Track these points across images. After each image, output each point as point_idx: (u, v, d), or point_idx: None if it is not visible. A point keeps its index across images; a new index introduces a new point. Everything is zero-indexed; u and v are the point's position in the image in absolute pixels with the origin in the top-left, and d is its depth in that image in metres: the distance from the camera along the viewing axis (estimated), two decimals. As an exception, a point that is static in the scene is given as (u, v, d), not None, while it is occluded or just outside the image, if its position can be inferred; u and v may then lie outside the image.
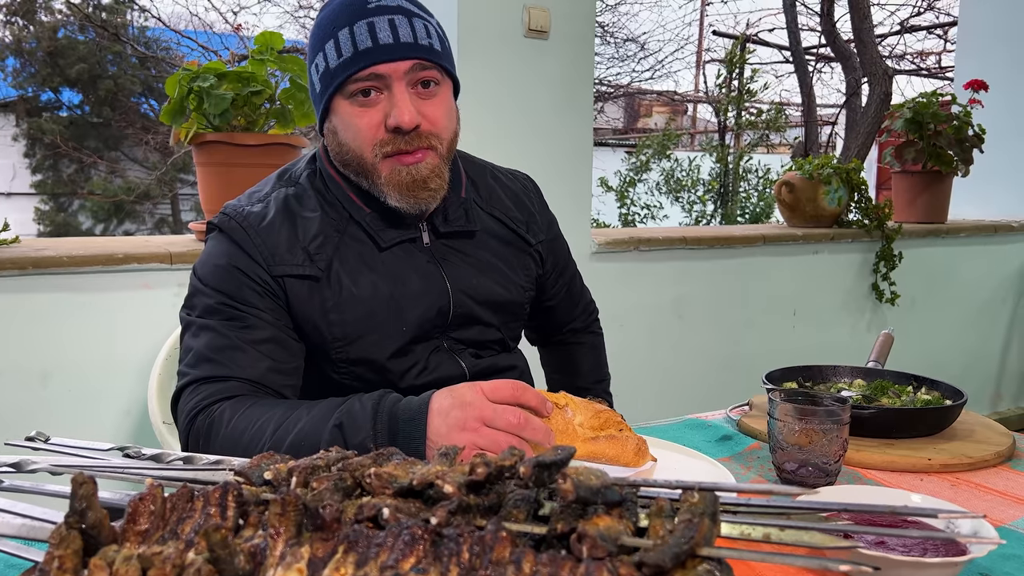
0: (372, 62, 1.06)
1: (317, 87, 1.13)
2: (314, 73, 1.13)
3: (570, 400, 0.99)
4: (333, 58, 1.08)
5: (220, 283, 1.11)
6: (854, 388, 1.37)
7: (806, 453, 1.02)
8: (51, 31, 9.52)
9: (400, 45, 1.07)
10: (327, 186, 1.19)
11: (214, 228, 1.17)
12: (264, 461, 0.65)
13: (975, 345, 3.83)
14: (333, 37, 1.08)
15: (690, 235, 2.90)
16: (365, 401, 0.97)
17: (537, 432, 0.92)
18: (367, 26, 1.07)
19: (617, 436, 0.99)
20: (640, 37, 11.25)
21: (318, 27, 1.12)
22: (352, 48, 1.07)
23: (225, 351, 1.08)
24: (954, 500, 1.01)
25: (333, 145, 1.14)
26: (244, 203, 1.18)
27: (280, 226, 1.14)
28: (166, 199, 10.21)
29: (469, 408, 0.91)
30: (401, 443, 0.93)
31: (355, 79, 1.07)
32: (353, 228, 1.17)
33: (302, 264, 1.12)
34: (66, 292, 1.84)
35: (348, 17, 1.08)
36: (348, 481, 0.58)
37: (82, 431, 1.89)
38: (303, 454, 0.95)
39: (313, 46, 1.12)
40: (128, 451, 0.82)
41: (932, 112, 3.42)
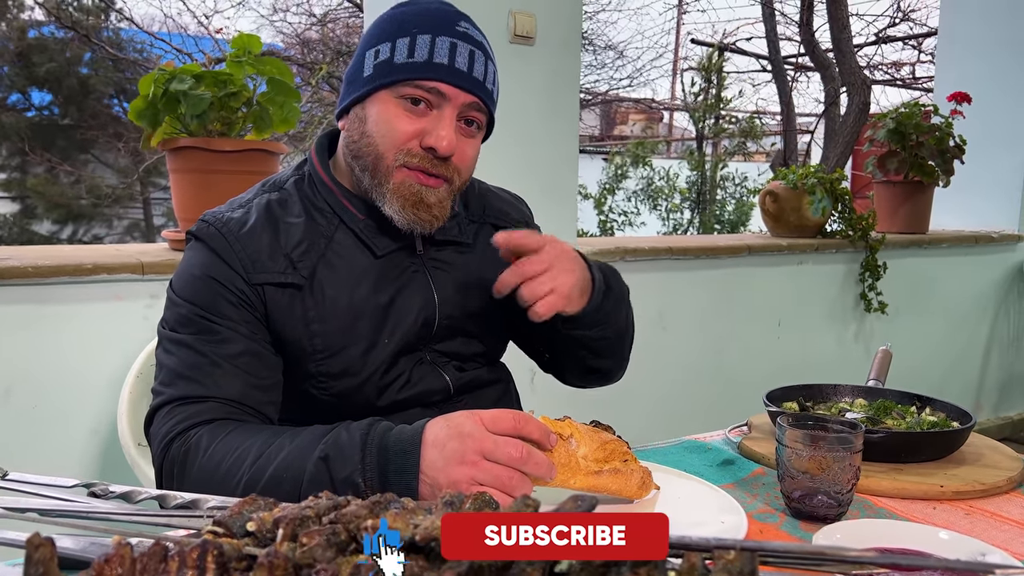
0: (441, 79, 1.05)
1: (366, 71, 1.09)
2: (369, 57, 1.09)
3: (575, 429, 0.93)
4: (402, 54, 1.06)
5: (194, 295, 1.06)
6: (856, 408, 1.33)
7: (817, 481, 0.97)
8: (20, 31, 9.32)
9: (471, 78, 1.07)
10: (316, 191, 1.15)
11: (192, 237, 1.12)
12: (246, 508, 0.58)
13: (955, 355, 3.83)
14: (410, 36, 1.06)
15: (675, 245, 2.87)
16: (353, 431, 0.90)
17: (540, 467, 0.86)
18: (449, 44, 1.06)
19: (621, 469, 0.93)
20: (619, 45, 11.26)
21: (393, 20, 1.10)
22: (427, 56, 1.05)
23: (201, 368, 1.02)
24: (971, 531, 0.96)
25: (355, 131, 1.11)
26: (224, 210, 1.13)
27: (261, 232, 1.09)
28: (137, 203, 10.02)
29: (468, 440, 0.84)
30: (392, 477, 0.86)
31: (416, 84, 1.06)
32: (342, 235, 1.13)
33: (284, 271, 1.08)
34: (30, 304, 1.76)
35: (434, 27, 1.07)
36: (342, 535, 0.52)
37: (46, 451, 1.80)
38: (284, 488, 0.89)
39: (380, 34, 1.09)
40: (95, 489, 0.75)
41: (915, 123, 3.42)
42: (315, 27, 10.03)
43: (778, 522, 0.98)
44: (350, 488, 0.88)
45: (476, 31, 1.11)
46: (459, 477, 0.83)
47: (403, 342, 1.13)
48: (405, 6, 1.12)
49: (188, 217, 2.05)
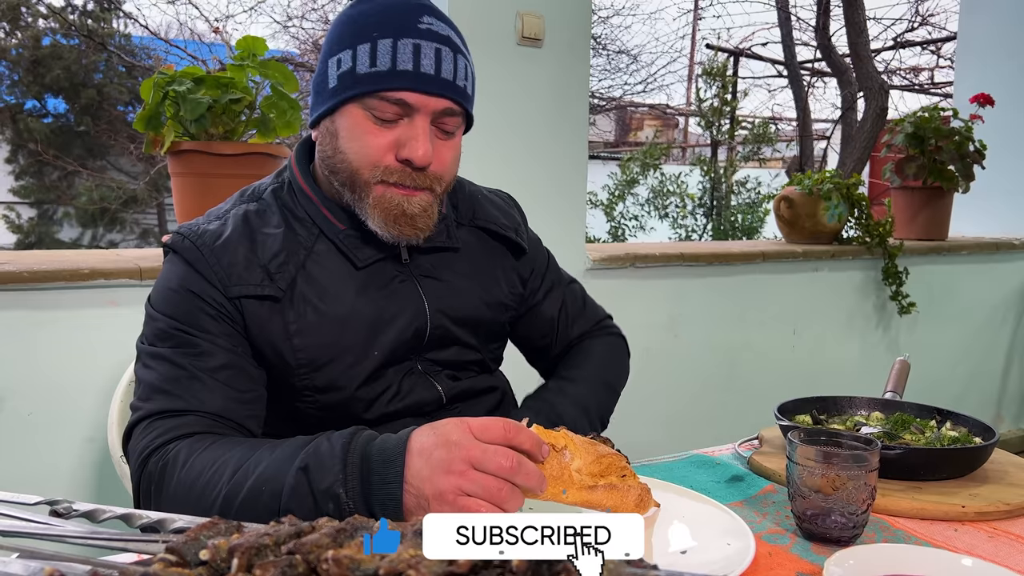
0: (407, 87, 1.00)
1: (331, 83, 1.04)
2: (332, 67, 1.04)
3: (570, 441, 0.88)
4: (364, 64, 1.01)
5: (173, 308, 1.03)
6: (872, 422, 1.27)
7: (830, 501, 0.91)
8: (35, 39, 9.39)
9: (439, 80, 1.02)
10: (296, 200, 1.12)
11: (168, 250, 1.09)
12: (204, 533, 0.54)
13: (975, 365, 3.75)
14: (370, 41, 1.01)
15: (687, 251, 2.81)
16: (335, 440, 0.86)
17: (531, 478, 0.81)
18: (412, 47, 1.00)
19: (618, 485, 0.88)
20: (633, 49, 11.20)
21: (352, 23, 1.04)
22: (390, 63, 1.00)
23: (180, 382, 0.98)
24: (994, 555, 0.90)
25: (327, 147, 1.07)
26: (201, 222, 1.10)
27: (237, 244, 1.06)
28: (152, 208, 10.06)
29: (455, 448, 0.79)
30: (375, 487, 0.82)
31: (382, 96, 1.01)
32: (323, 245, 1.09)
33: (260, 284, 1.04)
34: (25, 309, 1.73)
35: (394, 29, 1.01)
36: (300, 567, 0.47)
37: (41, 458, 1.77)
38: (264, 501, 0.85)
39: (340, 39, 1.04)
40: (58, 507, 0.70)
41: (934, 127, 3.35)
42: (330, 34, 10.04)
43: (788, 544, 0.92)
44: (331, 500, 0.83)
45: (441, 23, 1.05)
46: (445, 487, 0.78)
47: (392, 354, 1.10)
48: (362, 3, 1.06)
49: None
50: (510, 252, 1.27)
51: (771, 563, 0.87)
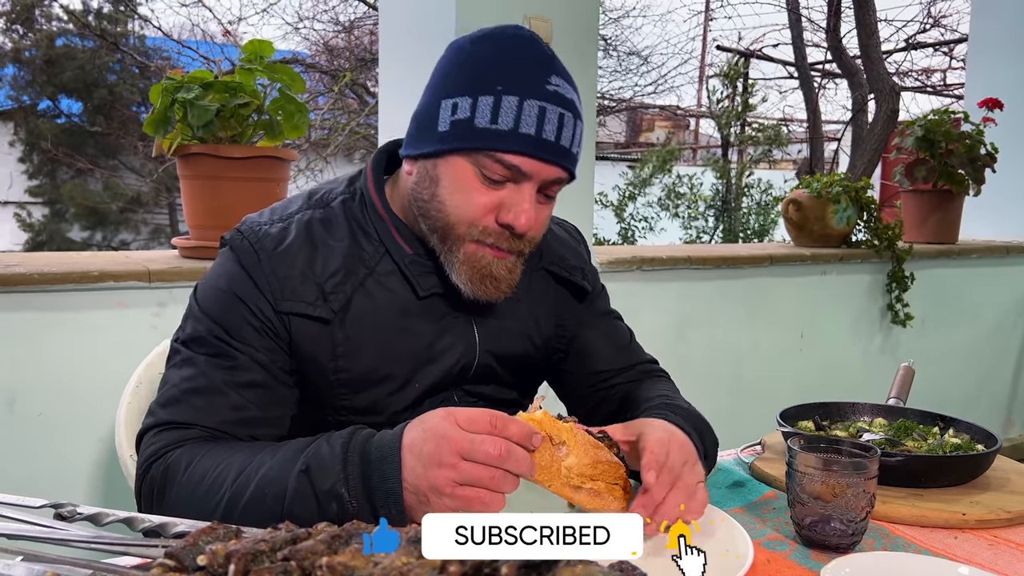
0: (526, 153, 0.95)
1: (442, 126, 0.98)
2: (446, 109, 0.97)
3: (572, 437, 0.88)
4: (484, 118, 0.95)
5: (217, 312, 1.01)
6: (875, 428, 1.27)
7: (829, 508, 0.92)
8: (49, 39, 9.47)
9: (559, 149, 0.97)
10: (366, 215, 1.07)
11: (225, 244, 1.06)
12: (203, 538, 0.55)
13: (986, 368, 3.73)
14: (494, 95, 0.95)
15: (695, 254, 2.81)
16: (334, 441, 0.87)
17: (521, 464, 0.82)
18: (538, 111, 0.95)
19: (602, 493, 0.89)
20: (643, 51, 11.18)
21: (475, 66, 0.98)
22: (513, 125, 0.95)
23: (204, 394, 0.97)
24: (994, 563, 0.90)
25: (424, 190, 1.01)
26: (264, 221, 1.06)
27: (297, 253, 1.02)
28: (163, 208, 10.13)
29: (443, 441, 0.81)
30: (375, 485, 0.83)
31: (497, 158, 0.96)
32: (386, 266, 1.06)
33: (313, 303, 1.01)
34: (35, 311, 1.74)
35: (522, 86, 0.95)
36: (295, 573, 0.48)
37: (51, 458, 1.78)
38: (267, 504, 0.86)
39: (459, 81, 0.98)
40: (62, 510, 0.72)
41: (944, 130, 3.33)
42: (341, 35, 10.09)
43: (787, 551, 0.93)
44: (334, 500, 0.84)
45: (567, 85, 1.00)
46: (439, 481, 0.80)
47: (433, 386, 1.08)
48: (486, 44, 1.00)
49: (198, 224, 2.03)
50: (573, 295, 1.22)
51: (769, 570, 0.87)
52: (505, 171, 0.97)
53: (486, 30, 1.02)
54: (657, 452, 0.90)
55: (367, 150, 9.16)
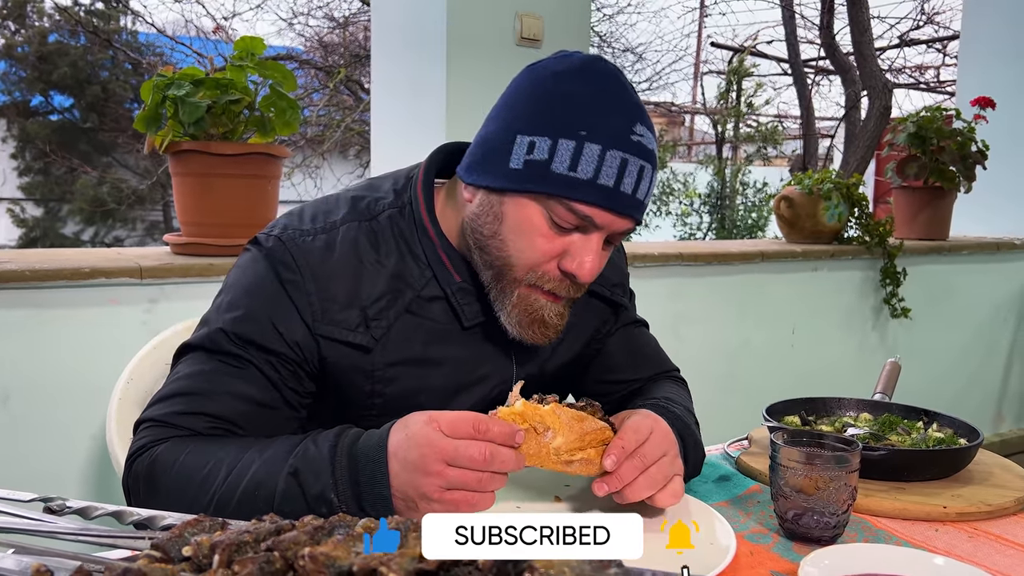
0: (602, 205, 0.92)
1: (514, 162, 0.93)
2: (520, 145, 0.92)
3: (556, 419, 0.89)
4: (562, 163, 0.90)
5: (240, 322, 0.97)
6: (860, 423, 1.28)
7: (811, 502, 0.93)
8: (41, 36, 9.44)
9: (634, 202, 0.94)
10: (414, 234, 1.02)
11: (260, 250, 1.00)
12: (189, 530, 0.56)
13: (976, 365, 3.75)
14: (576, 140, 0.90)
15: (686, 251, 2.82)
16: (321, 443, 0.88)
17: (507, 463, 0.83)
18: (620, 162, 0.91)
19: (593, 459, 0.91)
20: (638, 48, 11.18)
21: (557, 104, 0.93)
22: (592, 175, 0.90)
23: (203, 397, 0.95)
24: (973, 555, 0.92)
25: (486, 225, 0.97)
26: (306, 229, 1.00)
27: (342, 274, 0.98)
28: (157, 205, 10.11)
29: (428, 449, 0.81)
30: (364, 489, 0.84)
31: (571, 207, 0.92)
32: (431, 291, 1.02)
33: (355, 329, 0.97)
34: (27, 308, 1.75)
35: (607, 134, 0.91)
36: (277, 563, 0.49)
37: (44, 455, 1.79)
38: (259, 505, 0.86)
39: (539, 118, 0.93)
40: (51, 504, 0.72)
41: (936, 127, 3.35)
42: (336, 31, 10.07)
43: (770, 543, 0.94)
44: (323, 504, 0.85)
45: (650, 134, 0.95)
46: (426, 488, 0.81)
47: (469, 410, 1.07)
48: (574, 81, 0.94)
49: (190, 221, 2.04)
50: (611, 310, 1.21)
51: (752, 562, 0.89)
52: (577, 220, 0.93)
53: (571, 61, 0.96)
54: (625, 439, 0.91)
55: (362, 146, 9.17)
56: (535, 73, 0.98)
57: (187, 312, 1.63)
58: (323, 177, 8.95)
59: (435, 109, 2.42)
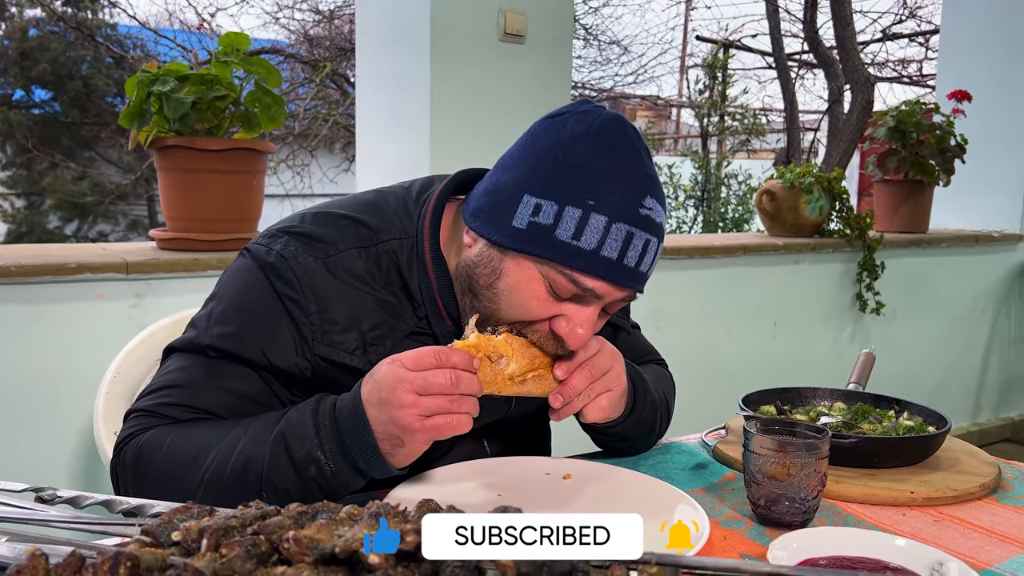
0: (603, 277, 0.91)
1: (518, 221, 0.91)
2: (526, 205, 0.91)
3: (508, 348, 0.94)
4: (566, 231, 0.89)
5: (231, 336, 0.97)
6: (834, 412, 1.31)
7: (783, 487, 0.96)
8: (22, 31, 9.35)
9: (636, 274, 0.93)
10: (413, 271, 1.02)
11: (257, 259, 0.99)
12: (178, 516, 0.58)
13: (955, 356, 3.81)
14: (583, 209, 0.89)
15: (669, 244, 2.85)
16: (302, 408, 0.92)
17: (472, 385, 0.88)
18: (625, 235, 0.90)
19: (545, 376, 0.97)
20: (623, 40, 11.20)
21: (568, 167, 0.91)
22: (596, 246, 0.89)
23: (193, 390, 0.97)
24: (937, 538, 0.95)
25: (482, 276, 0.96)
26: (309, 248, 0.99)
27: (343, 296, 0.98)
28: (141, 200, 10.05)
29: (398, 384, 0.85)
30: (349, 441, 0.88)
31: (571, 278, 0.91)
32: (423, 329, 1.04)
33: (352, 352, 0.98)
34: (13, 303, 1.76)
35: (615, 206, 0.89)
36: (263, 546, 0.51)
37: (29, 448, 1.80)
38: (248, 480, 0.89)
39: (548, 179, 0.91)
40: (43, 494, 0.74)
41: (915, 121, 3.40)
42: (321, 24, 10.03)
43: (743, 528, 0.97)
44: (311, 464, 0.88)
45: (660, 207, 0.94)
46: (406, 420, 0.85)
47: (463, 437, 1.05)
48: (588, 145, 0.92)
49: (175, 216, 2.05)
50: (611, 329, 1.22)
51: (725, 546, 0.92)
52: (576, 289, 0.92)
53: (589, 122, 0.94)
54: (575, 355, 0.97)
55: (347, 140, 9.14)
56: (552, 130, 0.96)
57: (173, 307, 1.64)
58: (309, 172, 8.93)
59: (419, 104, 2.43)
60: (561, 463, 1.12)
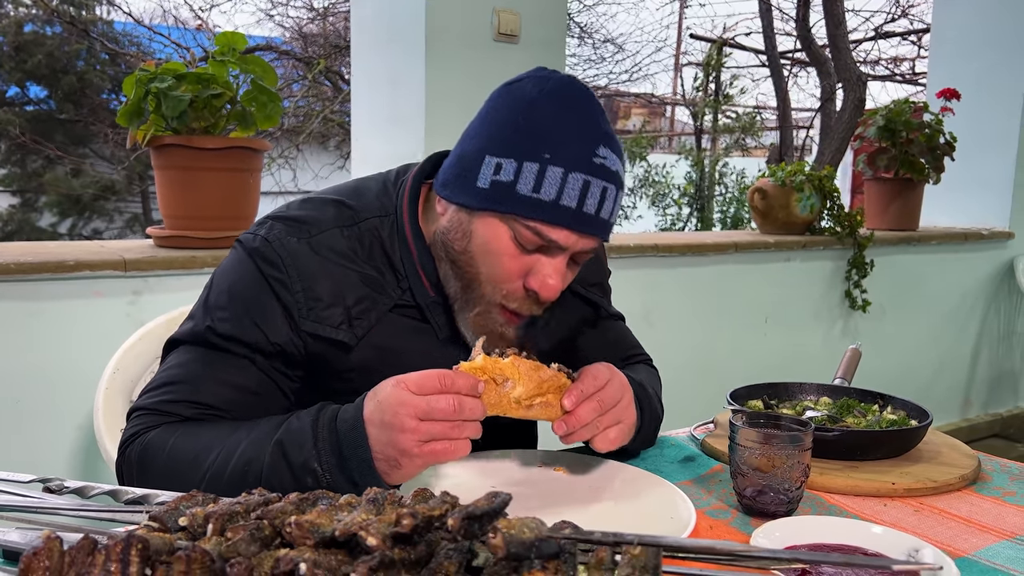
0: (564, 226, 0.96)
1: (481, 182, 0.97)
2: (488, 166, 0.97)
3: (515, 370, 0.95)
4: (526, 185, 0.95)
5: (227, 320, 1.01)
6: (820, 406, 1.35)
7: (767, 479, 0.99)
8: (17, 25, 9.33)
9: (597, 221, 0.97)
10: (395, 246, 1.07)
11: (246, 251, 1.03)
12: (183, 503, 0.61)
13: (945, 352, 3.85)
14: (539, 162, 0.94)
15: (661, 242, 2.88)
16: (303, 418, 0.94)
17: (475, 411, 0.89)
18: (582, 184, 0.95)
19: (552, 403, 0.97)
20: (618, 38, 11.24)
21: (524, 126, 0.96)
22: (554, 196, 0.94)
23: (194, 384, 1.00)
24: (917, 527, 0.98)
25: (457, 240, 1.01)
26: (293, 230, 1.03)
27: (327, 274, 1.02)
28: (136, 197, 10.05)
29: (401, 408, 0.87)
30: (348, 455, 0.90)
31: (536, 229, 0.96)
32: (407, 301, 1.07)
33: (338, 327, 1.02)
34: (13, 300, 1.78)
35: (569, 157, 0.95)
36: (266, 530, 0.54)
37: (29, 443, 1.82)
38: (248, 480, 0.92)
39: (505, 141, 0.97)
40: (50, 484, 0.77)
41: (904, 120, 3.43)
42: (315, 21, 10.03)
43: (729, 518, 1.00)
44: (308, 475, 0.90)
45: (614, 156, 0.99)
46: (405, 444, 0.86)
47: None
48: (543, 104, 0.97)
49: (173, 214, 2.07)
50: (591, 309, 1.25)
51: (710, 535, 0.95)
52: (540, 240, 0.97)
53: (543, 85, 0.99)
54: (585, 383, 0.98)
55: (342, 137, 9.15)
56: (511, 95, 1.01)
57: (171, 304, 1.67)
58: (302, 168, 8.94)
59: (414, 102, 2.46)
60: (553, 455, 1.15)
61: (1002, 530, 0.98)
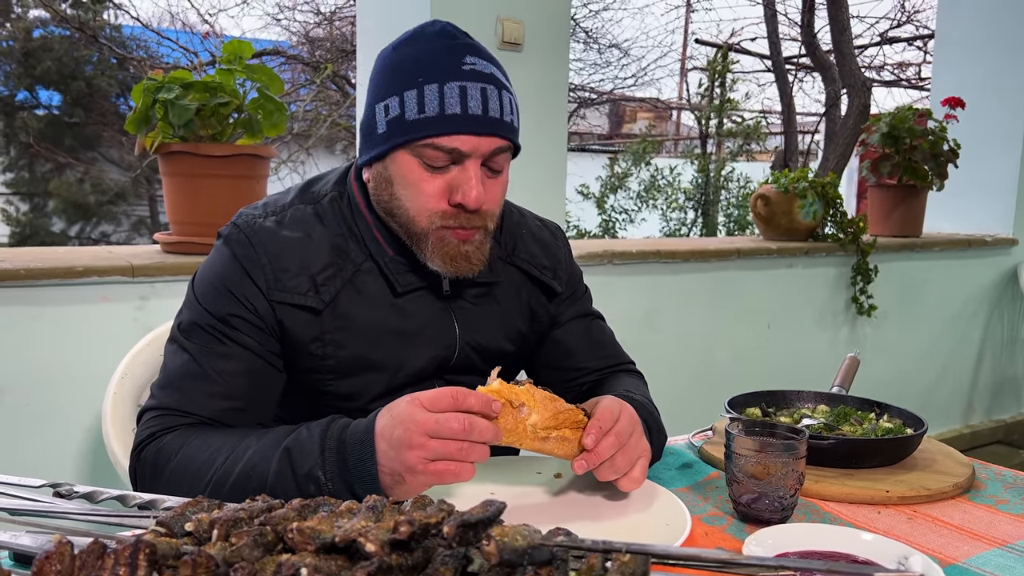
0: (457, 131, 1.01)
1: (380, 128, 1.05)
2: (380, 112, 1.05)
3: (531, 397, 0.96)
4: (412, 110, 1.02)
5: (211, 303, 1.08)
6: (817, 415, 1.36)
7: (762, 486, 1.01)
8: (26, 31, 9.40)
9: (488, 119, 1.02)
10: (353, 217, 1.14)
11: (220, 238, 1.12)
12: (189, 509, 0.63)
13: (948, 358, 3.86)
14: (417, 88, 1.01)
15: (664, 248, 2.90)
16: (313, 428, 0.96)
17: (485, 433, 0.90)
18: (459, 90, 1.01)
19: (569, 437, 0.98)
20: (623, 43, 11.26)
21: (396, 68, 1.05)
22: (439, 109, 1.01)
23: (194, 380, 1.05)
24: (909, 535, 1.00)
25: (383, 192, 1.09)
26: (259, 214, 1.13)
27: (291, 247, 1.09)
28: (143, 201, 10.10)
29: (412, 424, 0.88)
30: (352, 468, 0.91)
31: (434, 145, 1.02)
32: (369, 266, 1.13)
33: (305, 294, 1.08)
34: (23, 306, 1.80)
35: (439, 72, 1.02)
36: (269, 536, 0.56)
37: (40, 448, 1.85)
38: (253, 484, 0.94)
39: (386, 85, 1.05)
40: (60, 489, 0.79)
41: (908, 126, 3.44)
42: (322, 25, 10.08)
43: (725, 525, 1.02)
44: (311, 483, 0.92)
45: (484, 62, 1.05)
46: (411, 461, 0.87)
47: (415, 375, 1.15)
48: (406, 46, 1.07)
49: (180, 220, 2.09)
50: (543, 293, 1.27)
51: (705, 542, 0.96)
52: (444, 155, 1.03)
53: (405, 33, 1.09)
54: (602, 419, 0.99)
55: (348, 141, 9.20)
56: (381, 54, 1.10)
57: (177, 309, 1.69)
58: (309, 172, 8.98)
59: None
60: (551, 462, 1.17)
61: (994, 538, 0.99)
